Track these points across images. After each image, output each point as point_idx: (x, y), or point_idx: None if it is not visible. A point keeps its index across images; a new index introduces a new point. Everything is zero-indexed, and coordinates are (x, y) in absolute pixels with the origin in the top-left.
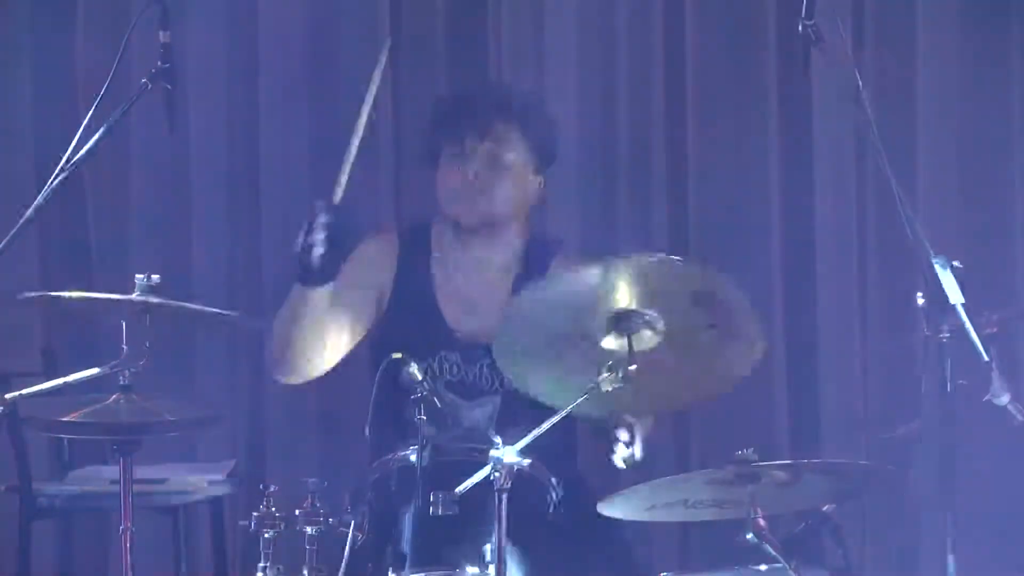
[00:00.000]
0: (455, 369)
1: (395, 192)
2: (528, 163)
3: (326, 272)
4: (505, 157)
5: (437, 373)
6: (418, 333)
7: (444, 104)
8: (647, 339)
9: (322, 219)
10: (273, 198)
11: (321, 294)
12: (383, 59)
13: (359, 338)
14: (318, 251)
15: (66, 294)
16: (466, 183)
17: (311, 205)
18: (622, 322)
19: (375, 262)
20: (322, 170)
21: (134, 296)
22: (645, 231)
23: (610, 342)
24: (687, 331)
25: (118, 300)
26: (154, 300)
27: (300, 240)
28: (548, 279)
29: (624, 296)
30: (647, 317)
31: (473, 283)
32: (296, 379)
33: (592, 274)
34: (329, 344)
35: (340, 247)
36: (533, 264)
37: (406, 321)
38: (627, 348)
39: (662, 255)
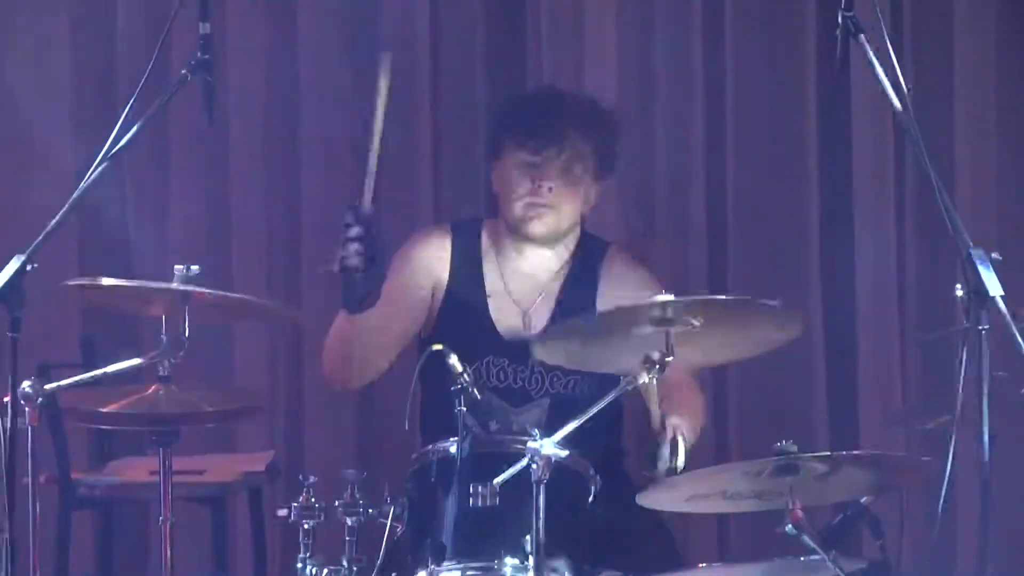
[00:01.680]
0: (503, 375)
1: (433, 194)
2: (593, 173)
3: (371, 296)
4: (577, 170)
5: (484, 377)
6: (466, 335)
7: (519, 105)
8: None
9: (355, 231)
10: (312, 189)
11: (367, 316)
12: (384, 73)
13: (410, 340)
14: (356, 265)
15: (107, 281)
16: (540, 195)
17: (344, 214)
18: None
19: (428, 260)
20: (362, 162)
21: (174, 284)
22: (683, 225)
23: (647, 330)
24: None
25: (159, 288)
26: (193, 288)
27: (337, 262)
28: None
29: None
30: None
31: (526, 288)
32: (354, 386)
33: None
34: (382, 354)
35: (378, 264)
36: (583, 265)
37: (455, 322)
38: (665, 341)
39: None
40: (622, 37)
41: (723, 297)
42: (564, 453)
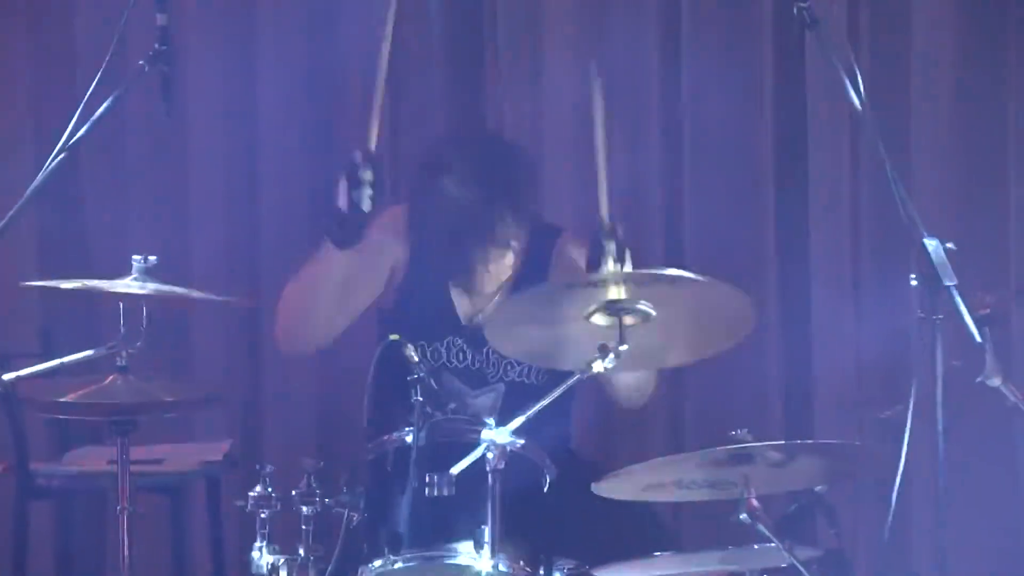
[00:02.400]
0: (461, 355)
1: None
2: (523, 232)
3: (362, 230)
4: (516, 254)
5: (444, 357)
6: (427, 316)
7: (449, 226)
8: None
9: (368, 174)
10: (270, 181)
11: (350, 255)
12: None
13: (366, 306)
14: (367, 208)
15: (65, 284)
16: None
17: (349, 158)
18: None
19: (391, 235)
20: (318, 153)
21: (132, 288)
22: (641, 219)
23: (600, 319)
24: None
25: (115, 292)
26: (150, 290)
27: (343, 197)
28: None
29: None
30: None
31: (486, 275)
32: (307, 347)
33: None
34: (344, 310)
35: (377, 203)
36: (536, 253)
37: (415, 302)
38: (618, 328)
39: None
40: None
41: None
42: (520, 442)
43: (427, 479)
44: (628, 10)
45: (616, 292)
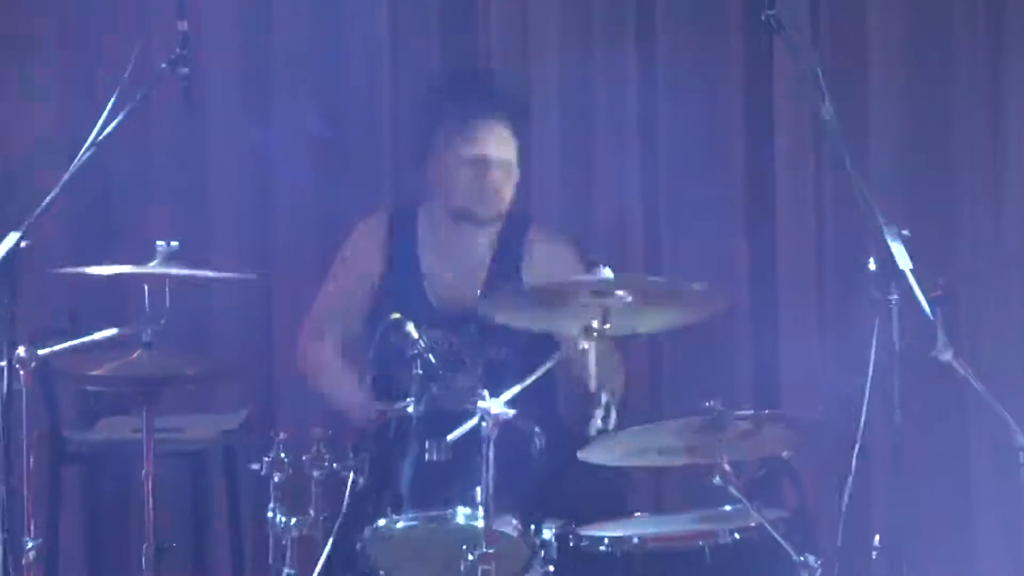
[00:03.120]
0: (439, 343)
1: (392, 177)
2: (518, 161)
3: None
4: (512, 160)
5: (428, 345)
6: (404, 310)
7: (451, 98)
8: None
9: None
10: (282, 171)
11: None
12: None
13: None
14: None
15: (94, 270)
16: (487, 186)
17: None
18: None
19: (368, 251)
20: (326, 145)
21: (154, 269)
22: (621, 211)
23: (583, 303)
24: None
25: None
26: (172, 271)
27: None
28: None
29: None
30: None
31: (460, 265)
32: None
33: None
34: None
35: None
36: (509, 239)
37: (393, 299)
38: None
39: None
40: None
41: (655, 279)
42: (512, 412)
43: (426, 446)
44: (608, 28)
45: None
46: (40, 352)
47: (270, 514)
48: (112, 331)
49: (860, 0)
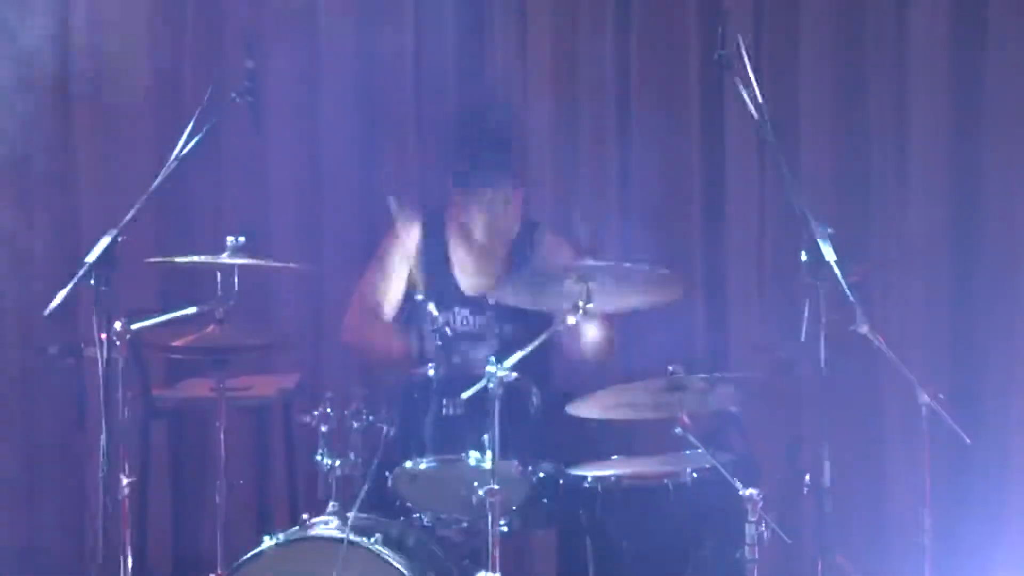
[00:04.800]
0: (465, 321)
1: (419, 174)
2: (518, 189)
3: None
4: (516, 204)
5: (453, 322)
6: (438, 294)
7: (463, 157)
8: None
9: None
10: (331, 175)
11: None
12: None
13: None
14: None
15: (178, 260)
16: (497, 231)
17: None
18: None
19: (402, 253)
20: (368, 152)
21: (225, 259)
22: (603, 195)
23: (571, 286)
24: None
25: (213, 263)
26: (240, 261)
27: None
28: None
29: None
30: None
31: (483, 260)
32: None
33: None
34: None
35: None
36: (523, 241)
37: (429, 285)
38: (585, 291)
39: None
40: (557, 45)
41: (627, 264)
42: (514, 375)
43: (444, 402)
44: (591, 70)
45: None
46: (133, 327)
47: (318, 457)
48: (192, 309)
49: (793, 43)
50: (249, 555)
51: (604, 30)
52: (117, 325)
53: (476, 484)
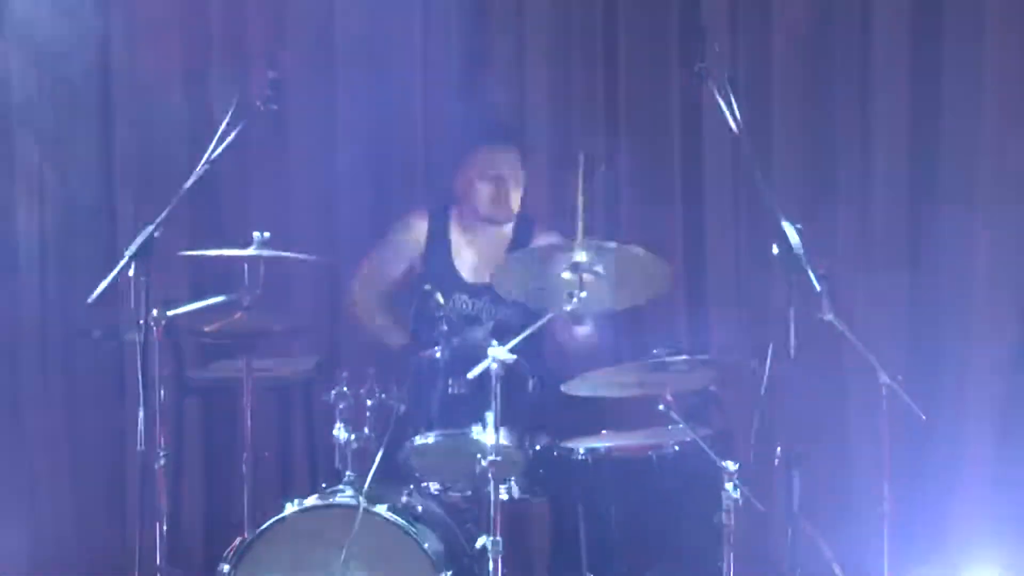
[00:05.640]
0: (465, 306)
1: (425, 176)
2: (523, 169)
3: None
4: (520, 175)
5: (455, 306)
6: (441, 281)
7: (475, 131)
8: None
9: None
10: (345, 177)
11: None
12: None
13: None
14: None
15: (209, 253)
16: (502, 196)
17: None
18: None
19: (411, 240)
20: (381, 158)
21: (252, 252)
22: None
23: (567, 275)
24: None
25: (241, 255)
26: (265, 254)
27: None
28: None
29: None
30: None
31: (482, 251)
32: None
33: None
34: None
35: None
36: (520, 233)
37: (433, 273)
38: (579, 281)
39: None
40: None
41: (612, 244)
42: (513, 358)
43: (449, 381)
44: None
45: (579, 256)
46: (168, 313)
47: (336, 432)
48: (221, 298)
49: (767, 59)
50: (273, 520)
51: (595, 59)
52: (154, 312)
53: (479, 456)
